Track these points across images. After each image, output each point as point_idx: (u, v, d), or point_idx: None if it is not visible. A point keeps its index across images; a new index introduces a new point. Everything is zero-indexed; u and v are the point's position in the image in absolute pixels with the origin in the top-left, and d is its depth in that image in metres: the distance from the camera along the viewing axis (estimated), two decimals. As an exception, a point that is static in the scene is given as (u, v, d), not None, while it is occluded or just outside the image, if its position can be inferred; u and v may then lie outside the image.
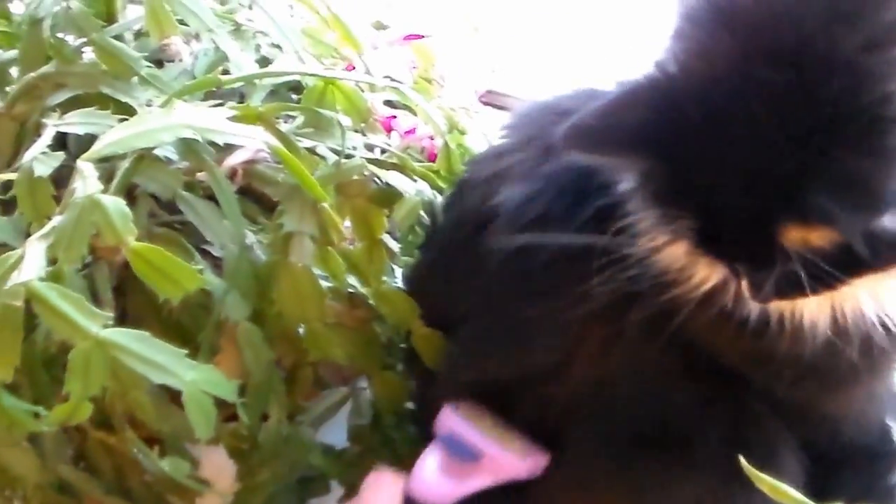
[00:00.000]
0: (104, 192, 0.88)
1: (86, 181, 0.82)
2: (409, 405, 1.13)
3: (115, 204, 0.81)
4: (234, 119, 0.94)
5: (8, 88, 1.08)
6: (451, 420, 0.96)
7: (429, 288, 1.04)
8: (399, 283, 1.09)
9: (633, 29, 1.50)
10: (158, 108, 0.92)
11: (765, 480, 0.67)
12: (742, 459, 0.67)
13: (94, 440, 1.00)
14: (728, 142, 0.66)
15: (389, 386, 1.10)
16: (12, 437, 0.90)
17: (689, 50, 0.70)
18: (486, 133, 1.21)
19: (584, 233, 0.83)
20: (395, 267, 1.11)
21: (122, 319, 0.96)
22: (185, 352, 0.82)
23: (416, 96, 1.05)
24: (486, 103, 1.50)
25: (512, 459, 0.92)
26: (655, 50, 0.74)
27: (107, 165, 0.95)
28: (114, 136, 0.86)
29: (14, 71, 1.12)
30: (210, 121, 0.88)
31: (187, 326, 0.99)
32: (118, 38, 1.10)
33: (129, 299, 0.99)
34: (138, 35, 1.14)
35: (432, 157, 1.18)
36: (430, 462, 0.95)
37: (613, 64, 1.48)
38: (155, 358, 0.80)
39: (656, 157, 0.69)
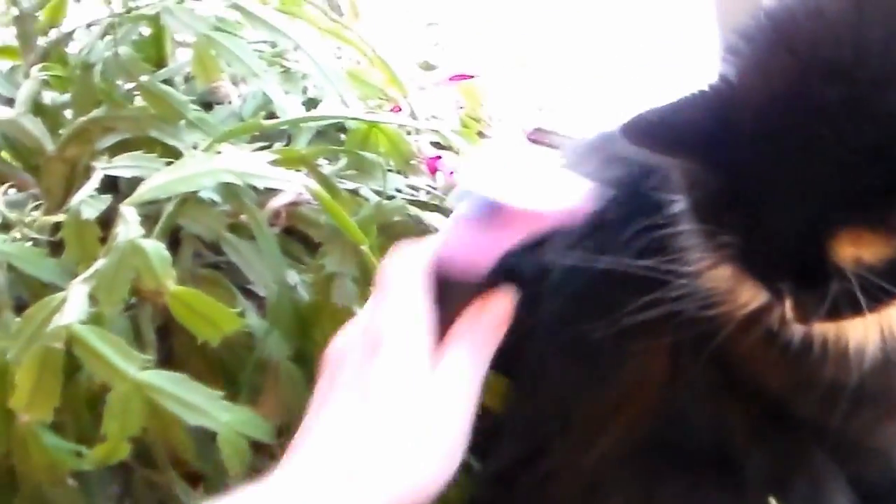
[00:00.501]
0: (149, 234, 0.90)
1: (128, 225, 0.84)
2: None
3: (155, 248, 0.83)
4: (277, 162, 0.96)
5: (61, 131, 1.10)
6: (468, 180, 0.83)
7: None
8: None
9: (674, 63, 1.50)
10: (201, 152, 0.93)
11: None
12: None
13: (139, 477, 1.01)
14: (782, 155, 0.66)
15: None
16: (55, 475, 0.91)
17: (748, 65, 0.71)
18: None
19: (637, 253, 0.83)
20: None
21: (167, 359, 0.97)
22: (221, 393, 0.83)
23: (455, 138, 1.06)
24: (534, 141, 1.51)
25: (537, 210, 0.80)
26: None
27: (153, 208, 0.98)
28: (157, 180, 0.88)
29: (69, 114, 1.14)
30: (251, 165, 0.89)
31: (230, 366, 1.00)
32: (168, 81, 1.12)
33: (174, 339, 1.00)
34: (188, 78, 1.16)
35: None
36: (453, 226, 0.83)
37: (655, 96, 1.48)
38: (191, 399, 0.81)
39: (708, 164, 0.69)
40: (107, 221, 0.97)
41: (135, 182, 0.97)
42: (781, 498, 0.80)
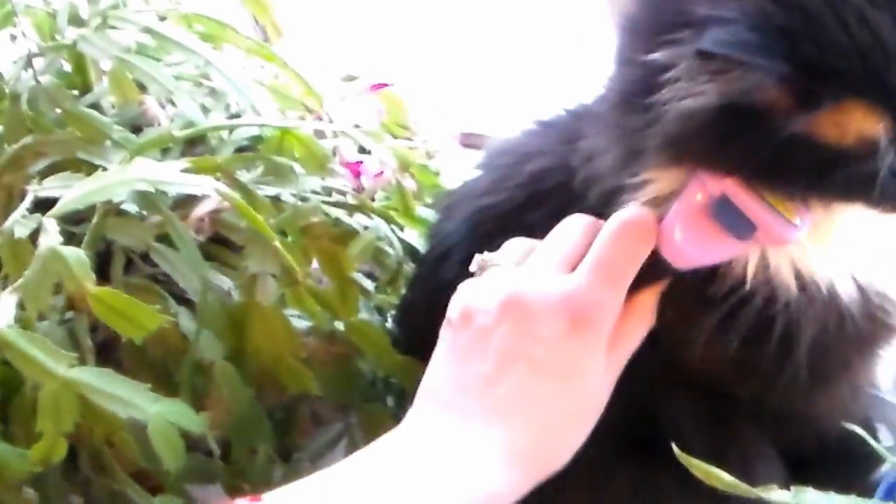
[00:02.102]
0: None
1: (48, 235, 0.88)
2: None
3: (74, 254, 0.87)
4: (193, 171, 1.00)
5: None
6: (723, 185, 0.76)
7: (413, 322, 1.09)
8: (374, 319, 1.13)
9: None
10: (117, 164, 0.98)
11: (696, 464, 0.71)
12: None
13: (98, 487, 1.05)
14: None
15: (375, 419, 1.13)
16: (7, 481, 0.95)
17: None
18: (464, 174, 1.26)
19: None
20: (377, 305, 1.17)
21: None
22: (149, 385, 0.87)
23: (366, 140, 1.11)
24: (466, 145, 1.55)
25: (786, 227, 0.76)
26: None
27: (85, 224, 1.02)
28: (74, 193, 0.92)
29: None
30: (164, 173, 0.94)
31: (172, 370, 1.04)
32: (96, 106, 1.17)
33: (120, 350, 1.04)
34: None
35: (410, 194, 1.23)
36: (683, 216, 0.79)
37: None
38: (119, 393, 0.86)
39: None
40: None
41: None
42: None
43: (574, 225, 0.84)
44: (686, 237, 0.78)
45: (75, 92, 1.15)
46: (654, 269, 0.82)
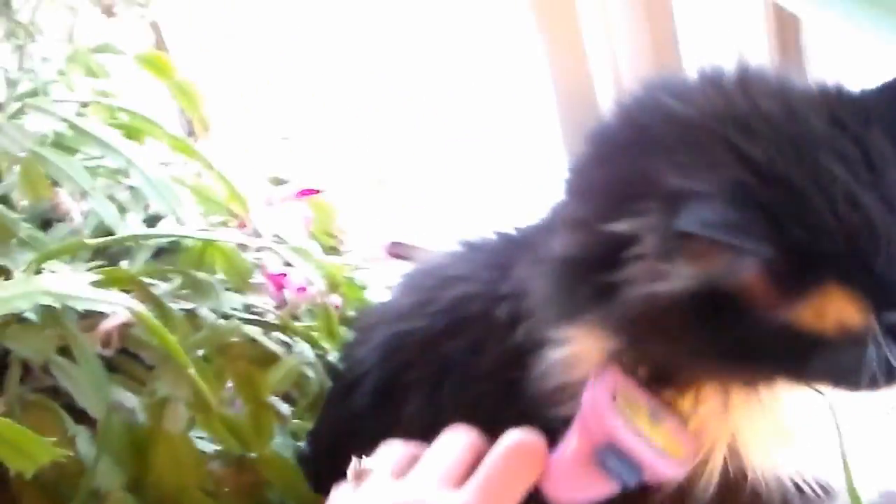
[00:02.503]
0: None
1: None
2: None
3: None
4: (105, 282, 0.92)
5: None
6: (612, 419, 0.73)
7: (320, 455, 1.01)
8: (288, 444, 1.05)
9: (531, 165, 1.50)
10: (21, 272, 0.90)
11: None
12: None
13: None
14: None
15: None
16: None
17: None
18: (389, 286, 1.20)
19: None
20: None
21: (2, 489, 0.93)
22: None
23: (293, 257, 1.04)
24: (394, 255, 1.50)
25: (668, 466, 0.74)
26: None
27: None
28: (-31, 304, 0.84)
29: None
30: (72, 287, 0.86)
31: (64, 495, 0.96)
32: (3, 199, 1.09)
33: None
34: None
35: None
36: (570, 456, 0.75)
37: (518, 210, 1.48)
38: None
39: None
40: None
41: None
42: None
43: (459, 439, 0.78)
44: (569, 483, 0.74)
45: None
46: None
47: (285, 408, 1.06)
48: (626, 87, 1.12)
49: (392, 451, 0.80)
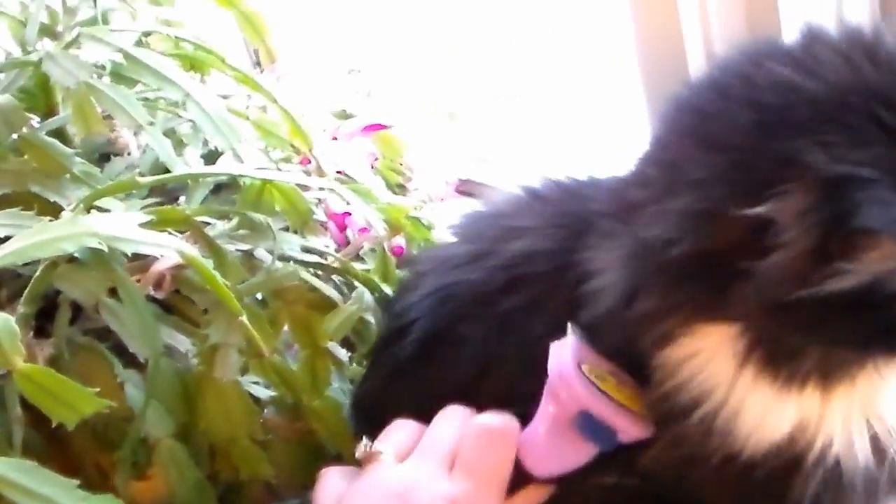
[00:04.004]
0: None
1: (-25, 295, 0.77)
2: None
3: (3, 322, 0.76)
4: (158, 222, 0.89)
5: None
6: (582, 387, 0.75)
7: (367, 405, 0.98)
8: (345, 392, 1.02)
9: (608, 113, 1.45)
10: (69, 212, 0.86)
11: None
12: None
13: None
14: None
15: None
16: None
17: None
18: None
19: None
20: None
21: (52, 432, 0.90)
22: (77, 482, 0.75)
23: (353, 198, 1.00)
24: (462, 192, 1.45)
25: (640, 428, 0.76)
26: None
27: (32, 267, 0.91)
28: (14, 245, 0.81)
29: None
30: (119, 228, 0.82)
31: (115, 441, 0.93)
32: (59, 132, 1.05)
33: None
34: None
35: (398, 253, 1.12)
36: (543, 430, 0.78)
37: (589, 148, 1.43)
38: (41, 490, 0.74)
39: None
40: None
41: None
42: None
43: (453, 417, 0.81)
44: (549, 454, 0.77)
45: (35, 116, 1.01)
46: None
47: (343, 353, 1.02)
48: (718, 42, 1.07)
49: (399, 430, 0.83)
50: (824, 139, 0.60)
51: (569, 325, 0.78)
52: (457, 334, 0.87)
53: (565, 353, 0.76)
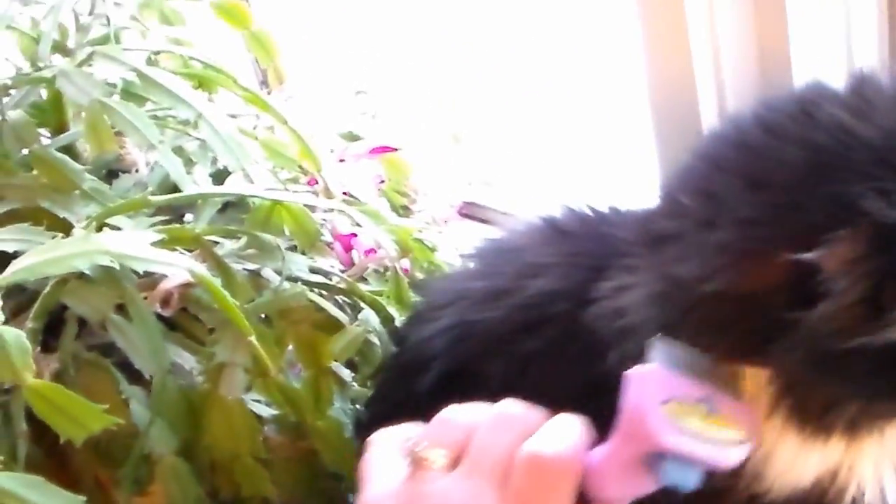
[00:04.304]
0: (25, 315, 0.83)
1: (-13, 311, 0.77)
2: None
3: (14, 337, 0.76)
4: (168, 241, 0.90)
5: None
6: (659, 428, 0.67)
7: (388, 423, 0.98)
8: (346, 412, 1.02)
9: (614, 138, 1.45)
10: (81, 229, 0.87)
11: None
12: None
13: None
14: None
15: (335, 521, 1.02)
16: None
17: None
18: (460, 248, 1.16)
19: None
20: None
21: (52, 447, 0.91)
22: (84, 499, 0.76)
23: (363, 219, 1.00)
24: (465, 215, 1.46)
25: (737, 451, 0.68)
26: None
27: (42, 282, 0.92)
28: (27, 261, 0.82)
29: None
30: (131, 247, 0.83)
31: (117, 457, 0.94)
32: (69, 148, 1.06)
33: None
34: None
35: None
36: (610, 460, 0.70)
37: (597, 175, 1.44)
38: (47, 505, 0.74)
39: None
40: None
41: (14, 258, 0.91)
42: None
43: (505, 428, 0.71)
44: (617, 486, 0.68)
45: (46, 132, 1.02)
46: None
47: (346, 373, 1.03)
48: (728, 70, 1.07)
49: (446, 427, 0.75)
50: (881, 186, 0.59)
51: (649, 347, 0.70)
52: (477, 373, 0.86)
53: (643, 387, 0.68)
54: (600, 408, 0.74)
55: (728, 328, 0.66)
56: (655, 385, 0.67)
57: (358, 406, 1.06)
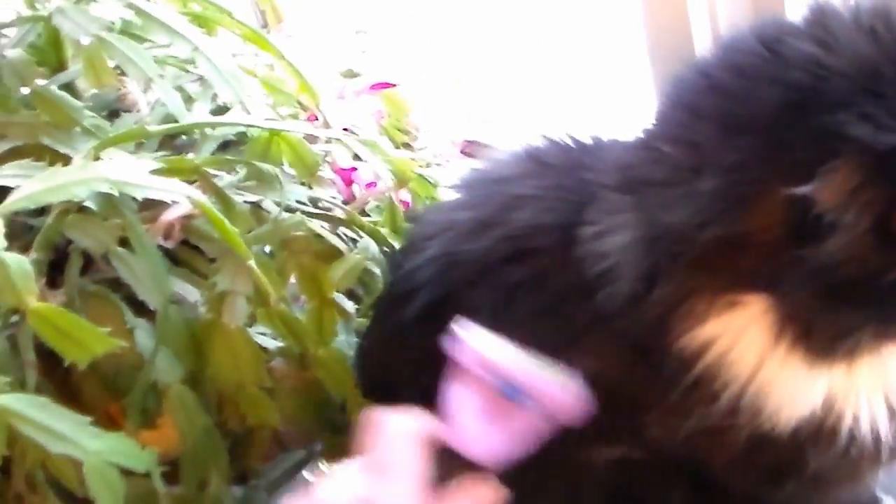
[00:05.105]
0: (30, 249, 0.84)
1: (-10, 237, 0.78)
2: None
3: (17, 262, 0.78)
4: (167, 172, 0.91)
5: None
6: (479, 350, 0.75)
7: (368, 366, 0.99)
8: (351, 342, 1.03)
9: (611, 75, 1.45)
10: (81, 159, 0.88)
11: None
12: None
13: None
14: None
15: (340, 448, 1.02)
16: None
17: None
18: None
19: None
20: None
21: (63, 379, 0.92)
22: (90, 419, 0.77)
23: (362, 150, 1.01)
24: (466, 154, 1.46)
25: (558, 392, 0.74)
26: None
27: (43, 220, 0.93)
28: (27, 189, 0.82)
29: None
30: (131, 174, 0.84)
31: (125, 387, 0.95)
32: (69, 86, 1.07)
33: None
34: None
35: (404, 208, 1.13)
36: (467, 406, 0.76)
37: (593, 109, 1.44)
38: (54, 426, 0.76)
39: None
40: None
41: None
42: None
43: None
44: (489, 432, 0.74)
45: (45, 70, 1.03)
46: None
47: (350, 305, 1.04)
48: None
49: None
50: (863, 111, 0.59)
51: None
52: (463, 301, 0.87)
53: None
54: (586, 342, 0.76)
55: (725, 269, 0.67)
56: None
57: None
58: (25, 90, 1.03)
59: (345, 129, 1.13)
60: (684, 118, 0.71)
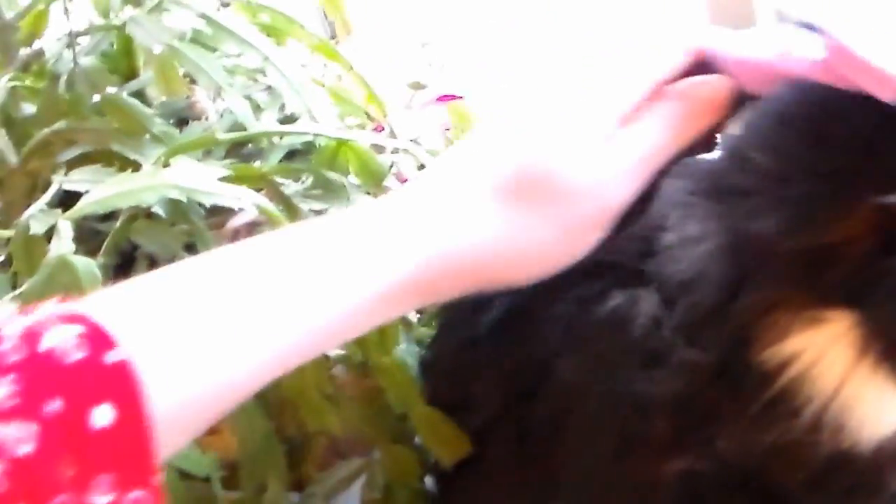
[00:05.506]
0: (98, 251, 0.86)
1: (60, 241, 0.80)
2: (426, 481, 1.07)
3: (85, 265, 0.79)
4: (235, 179, 0.91)
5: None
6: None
7: (437, 378, 0.99)
8: (412, 351, 1.04)
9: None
10: (150, 165, 0.89)
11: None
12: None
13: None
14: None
15: (399, 460, 1.04)
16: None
17: None
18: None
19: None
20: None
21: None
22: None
23: (428, 160, 1.01)
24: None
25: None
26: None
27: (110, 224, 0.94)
28: (97, 194, 0.84)
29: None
30: (199, 181, 0.85)
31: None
32: (139, 94, 1.08)
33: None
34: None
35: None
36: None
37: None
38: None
39: None
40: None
41: (86, 198, 0.93)
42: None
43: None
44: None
45: (117, 78, 1.05)
46: None
47: (412, 314, 1.04)
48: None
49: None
50: None
51: None
52: (538, 314, 0.87)
53: None
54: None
55: (812, 281, 0.66)
56: None
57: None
58: (97, 97, 1.04)
59: (411, 140, 1.13)
60: (775, 127, 0.71)
